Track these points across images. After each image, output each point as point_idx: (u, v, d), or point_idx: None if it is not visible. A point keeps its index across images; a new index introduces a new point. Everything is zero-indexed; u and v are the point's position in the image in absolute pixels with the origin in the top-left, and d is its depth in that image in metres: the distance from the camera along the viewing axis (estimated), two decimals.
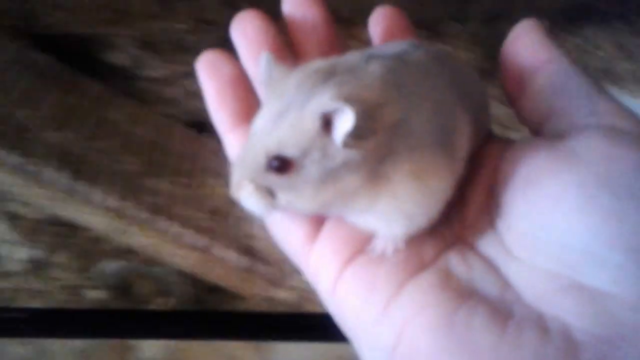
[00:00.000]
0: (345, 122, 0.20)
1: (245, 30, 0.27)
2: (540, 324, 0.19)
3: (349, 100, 0.21)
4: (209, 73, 0.26)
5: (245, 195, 0.22)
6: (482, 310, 0.20)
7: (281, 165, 0.21)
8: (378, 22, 0.29)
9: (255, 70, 0.26)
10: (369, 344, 0.22)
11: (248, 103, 0.25)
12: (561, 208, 0.20)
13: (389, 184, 0.22)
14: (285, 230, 0.25)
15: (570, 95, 0.23)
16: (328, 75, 0.22)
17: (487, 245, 0.23)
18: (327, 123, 0.21)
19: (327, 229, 0.24)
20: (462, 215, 0.24)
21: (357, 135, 0.21)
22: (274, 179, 0.22)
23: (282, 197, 0.22)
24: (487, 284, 0.21)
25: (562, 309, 0.19)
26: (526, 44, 0.25)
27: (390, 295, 0.21)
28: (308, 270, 0.25)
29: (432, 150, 0.22)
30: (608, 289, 0.19)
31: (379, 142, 0.21)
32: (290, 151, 0.21)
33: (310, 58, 0.25)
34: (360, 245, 0.23)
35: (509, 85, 0.25)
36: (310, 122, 0.21)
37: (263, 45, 0.27)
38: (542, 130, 0.24)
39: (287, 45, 0.27)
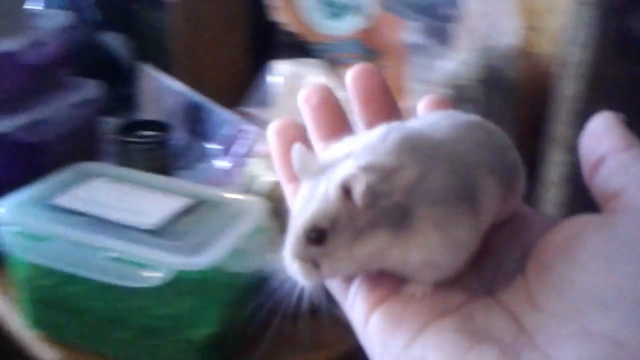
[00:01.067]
0: (359, 185, 0.24)
1: (311, 99, 0.31)
2: None
3: (362, 167, 0.24)
4: (277, 134, 0.31)
5: (295, 271, 0.26)
6: (492, 352, 0.21)
7: (318, 236, 0.25)
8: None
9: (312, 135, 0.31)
10: None
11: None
12: (586, 267, 0.22)
13: (416, 237, 0.25)
14: None
15: (636, 180, 0.25)
16: (349, 153, 0.26)
17: (513, 297, 0.24)
18: (347, 191, 0.25)
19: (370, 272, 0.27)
20: (496, 270, 0.26)
21: (374, 196, 0.24)
22: (314, 250, 0.25)
23: (325, 264, 0.25)
24: (502, 330, 0.23)
25: (566, 350, 0.21)
26: (603, 133, 0.26)
27: (414, 333, 0.24)
28: (346, 306, 0.27)
29: (453, 204, 0.25)
30: (612, 334, 0.20)
31: (397, 201, 0.24)
32: (322, 222, 0.25)
33: (368, 126, 0.30)
34: (393, 287, 0.26)
35: (586, 168, 0.27)
36: (332, 192, 0.25)
37: (324, 112, 0.31)
38: (604, 211, 0.25)
39: (346, 113, 0.31)
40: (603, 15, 0.61)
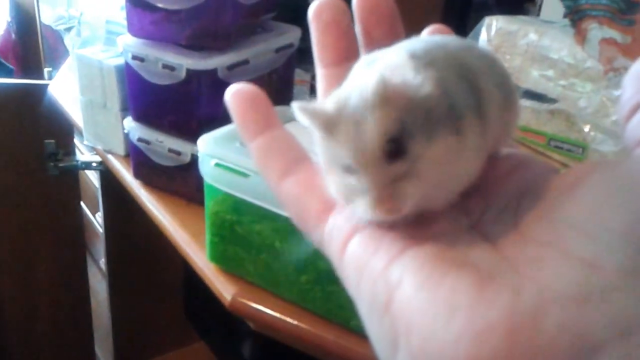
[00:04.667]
0: (404, 68, 0.22)
1: (321, 15, 0.29)
2: (518, 287, 0.20)
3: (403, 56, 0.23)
4: (236, 96, 0.29)
5: (374, 205, 0.23)
6: (468, 277, 0.21)
7: (397, 147, 0.22)
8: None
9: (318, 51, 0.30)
10: (367, 302, 0.23)
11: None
12: (580, 200, 0.21)
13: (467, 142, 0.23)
14: (301, 202, 0.27)
15: None
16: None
17: (500, 231, 0.23)
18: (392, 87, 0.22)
19: None
20: (485, 208, 0.25)
21: (429, 83, 0.22)
22: (398, 168, 0.22)
23: (413, 187, 0.22)
24: (482, 257, 0.22)
25: (543, 270, 0.20)
26: None
27: (392, 256, 0.23)
28: (322, 238, 0.26)
29: (471, 112, 0.23)
30: (591, 258, 0.20)
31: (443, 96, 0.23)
32: (393, 126, 0.22)
33: (375, 46, 0.28)
34: None
35: (624, 110, 0.25)
36: (380, 89, 0.22)
37: (332, 34, 0.29)
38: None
39: (355, 37, 0.29)
40: None
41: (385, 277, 0.22)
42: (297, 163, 0.27)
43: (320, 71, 0.29)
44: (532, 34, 0.73)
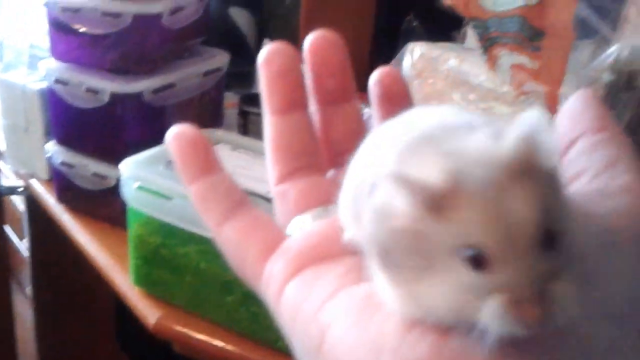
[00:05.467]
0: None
1: (272, 63, 0.28)
2: (445, 328, 0.19)
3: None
4: (176, 139, 0.28)
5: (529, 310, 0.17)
6: (395, 318, 0.21)
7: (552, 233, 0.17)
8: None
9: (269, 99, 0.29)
10: (301, 345, 0.23)
11: None
12: None
13: None
14: (240, 249, 0.27)
15: (596, 165, 0.23)
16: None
17: None
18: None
19: (288, 244, 0.25)
20: None
21: None
22: (550, 262, 0.17)
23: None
24: None
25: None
26: (579, 113, 0.25)
27: (324, 299, 0.23)
28: (260, 282, 0.26)
29: None
30: None
31: None
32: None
33: (324, 101, 0.29)
34: (316, 257, 0.24)
35: (558, 145, 0.25)
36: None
37: (282, 82, 0.28)
38: None
39: (304, 85, 0.29)
40: None
41: (318, 319, 0.22)
42: (236, 208, 0.27)
43: (268, 118, 0.29)
44: (453, 60, 0.76)
